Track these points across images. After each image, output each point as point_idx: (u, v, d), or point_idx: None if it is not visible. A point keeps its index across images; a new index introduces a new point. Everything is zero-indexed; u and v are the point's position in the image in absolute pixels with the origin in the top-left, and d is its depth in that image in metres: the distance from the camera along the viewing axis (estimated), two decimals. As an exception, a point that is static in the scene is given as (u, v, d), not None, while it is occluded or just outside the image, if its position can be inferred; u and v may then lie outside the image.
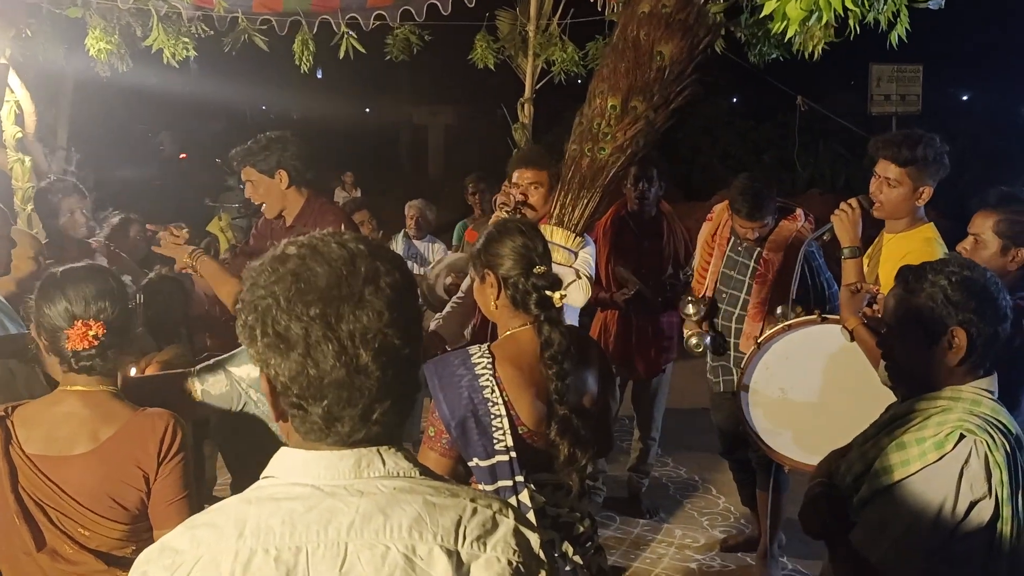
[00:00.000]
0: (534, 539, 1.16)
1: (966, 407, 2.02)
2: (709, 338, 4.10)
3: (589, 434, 2.30)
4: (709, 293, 4.15)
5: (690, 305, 4.06)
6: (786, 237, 3.97)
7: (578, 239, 3.61)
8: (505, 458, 2.26)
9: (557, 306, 2.33)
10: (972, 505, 1.95)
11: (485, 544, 1.12)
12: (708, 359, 4.24)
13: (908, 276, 2.15)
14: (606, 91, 3.59)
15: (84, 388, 2.17)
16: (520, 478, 2.27)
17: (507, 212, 3.61)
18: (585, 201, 3.60)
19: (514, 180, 3.78)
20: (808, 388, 3.30)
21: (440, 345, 3.44)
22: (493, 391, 2.26)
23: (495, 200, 4.02)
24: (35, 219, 5.03)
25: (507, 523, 1.15)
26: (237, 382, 2.56)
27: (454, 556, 1.10)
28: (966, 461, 1.96)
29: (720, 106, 15.83)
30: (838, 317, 3.07)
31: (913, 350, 2.11)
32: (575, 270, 3.50)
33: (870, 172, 3.26)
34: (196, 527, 1.14)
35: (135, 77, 5.83)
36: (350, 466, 1.15)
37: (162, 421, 2.18)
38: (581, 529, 2.41)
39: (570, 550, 2.37)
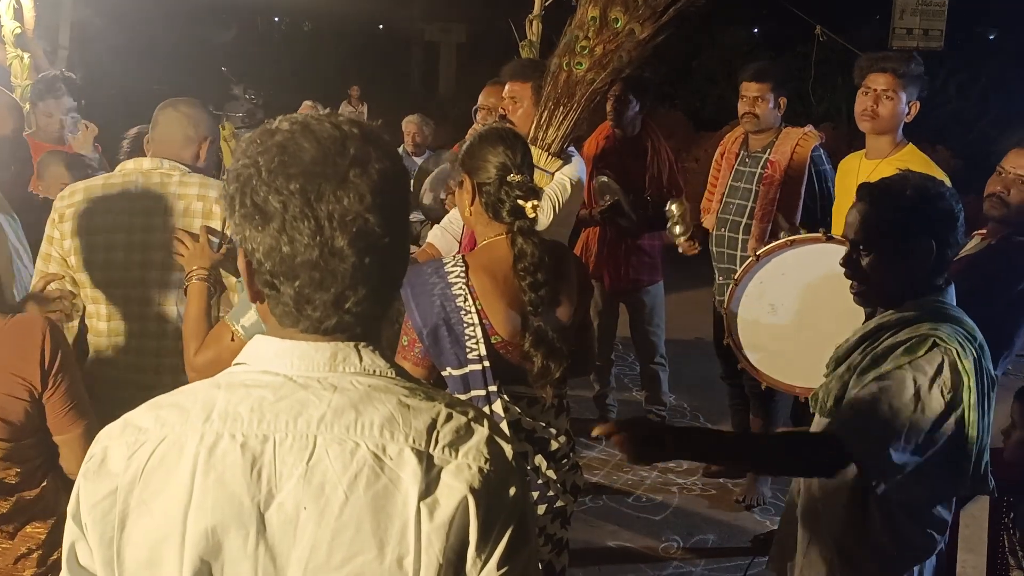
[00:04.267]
0: (507, 449, 1.13)
1: (932, 316, 2.07)
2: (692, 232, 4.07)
3: (564, 347, 2.29)
4: (716, 207, 4.15)
5: (677, 226, 4.03)
6: (794, 139, 3.97)
7: (553, 159, 3.35)
8: (478, 367, 2.26)
9: (530, 216, 2.30)
10: (941, 411, 2.01)
11: (457, 450, 1.09)
12: (715, 276, 4.22)
13: (872, 191, 2.16)
14: (588, 0, 3.29)
15: None
16: (493, 388, 2.27)
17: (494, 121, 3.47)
18: (560, 119, 3.34)
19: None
20: (799, 308, 3.22)
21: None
22: (466, 300, 2.25)
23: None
24: (32, 118, 4.98)
25: (481, 431, 1.12)
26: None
27: (424, 458, 1.08)
28: (937, 369, 2.01)
29: (739, 36, 15.48)
30: (842, 239, 3.00)
31: (882, 264, 2.14)
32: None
33: None
34: (161, 407, 1.12)
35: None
36: (326, 359, 1.13)
37: (38, 327, 2.05)
38: (556, 446, 2.41)
39: (543, 464, 2.38)
